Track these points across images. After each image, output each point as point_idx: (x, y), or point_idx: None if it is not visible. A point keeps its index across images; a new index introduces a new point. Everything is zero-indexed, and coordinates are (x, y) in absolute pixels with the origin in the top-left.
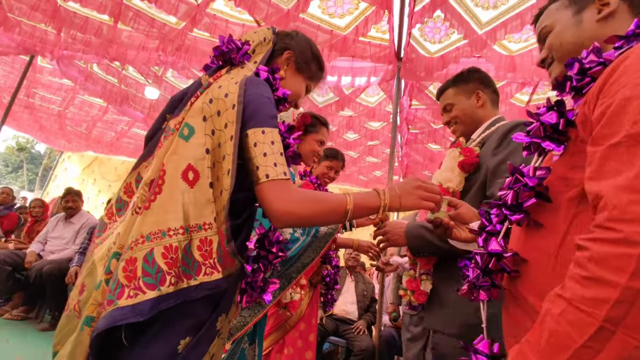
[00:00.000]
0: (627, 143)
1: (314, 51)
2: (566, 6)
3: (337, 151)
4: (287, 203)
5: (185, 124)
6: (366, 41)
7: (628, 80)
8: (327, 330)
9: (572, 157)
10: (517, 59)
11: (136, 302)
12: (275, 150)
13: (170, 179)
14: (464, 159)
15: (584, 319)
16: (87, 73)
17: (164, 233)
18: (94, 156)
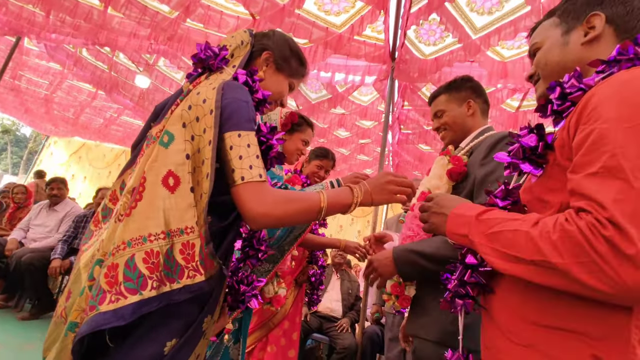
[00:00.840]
0: (603, 174)
1: (293, 47)
2: (557, 25)
3: (327, 150)
4: (262, 205)
5: (165, 131)
6: (361, 40)
7: (605, 111)
8: (310, 328)
9: (549, 179)
10: (509, 66)
11: (118, 306)
12: (251, 153)
13: (150, 186)
14: (452, 168)
15: (533, 248)
16: (75, 57)
17: (145, 239)
18: (82, 142)
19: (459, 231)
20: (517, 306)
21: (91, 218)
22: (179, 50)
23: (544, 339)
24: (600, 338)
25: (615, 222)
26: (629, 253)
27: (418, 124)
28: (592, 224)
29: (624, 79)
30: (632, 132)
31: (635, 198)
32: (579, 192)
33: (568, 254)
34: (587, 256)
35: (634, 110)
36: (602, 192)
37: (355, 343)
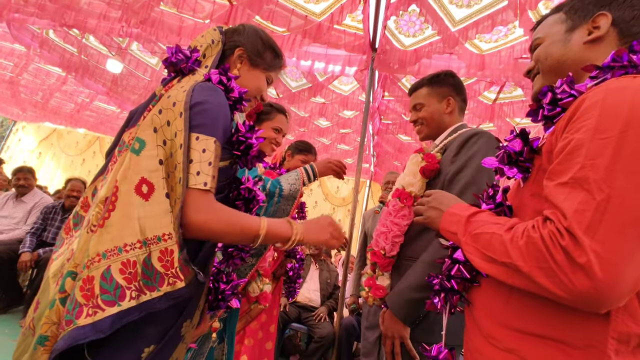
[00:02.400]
0: (571, 184)
1: (265, 40)
2: (562, 21)
3: (310, 145)
4: (197, 214)
5: (137, 138)
6: (341, 29)
7: (586, 121)
8: (289, 317)
9: (533, 184)
10: (486, 58)
11: (96, 319)
12: (204, 159)
13: (123, 195)
14: (425, 165)
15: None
16: (42, 39)
17: (120, 249)
18: (52, 128)
19: (450, 228)
20: (499, 312)
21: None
22: (152, 34)
23: (523, 345)
24: (578, 347)
25: (572, 232)
26: (581, 262)
27: (398, 115)
28: (553, 233)
29: (611, 87)
30: (605, 144)
31: (595, 210)
32: (549, 199)
33: (531, 259)
34: (546, 262)
35: (611, 121)
36: (567, 202)
37: (332, 332)
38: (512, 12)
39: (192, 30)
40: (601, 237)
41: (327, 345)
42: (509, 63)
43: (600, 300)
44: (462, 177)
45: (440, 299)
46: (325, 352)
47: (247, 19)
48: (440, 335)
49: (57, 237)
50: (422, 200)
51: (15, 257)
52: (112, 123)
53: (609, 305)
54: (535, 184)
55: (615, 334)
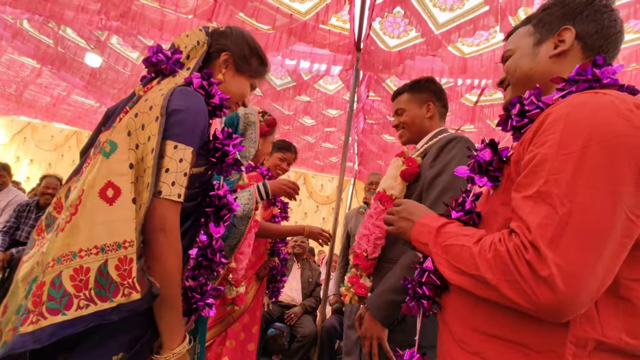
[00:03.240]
0: (535, 198)
1: (252, 46)
2: (531, 34)
3: (289, 143)
4: (164, 223)
5: (109, 141)
6: (326, 29)
7: (550, 136)
8: (272, 317)
9: (503, 193)
10: (468, 62)
11: (36, 328)
12: (180, 169)
13: (86, 199)
14: (405, 169)
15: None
16: (15, 29)
17: (75, 254)
18: (27, 121)
19: (421, 239)
20: (468, 316)
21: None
22: (133, 28)
23: (489, 348)
24: (540, 351)
25: (536, 246)
26: (543, 275)
27: (382, 115)
28: (517, 246)
29: (575, 102)
30: (568, 160)
31: (557, 224)
32: (515, 211)
33: (498, 271)
34: (512, 275)
35: (573, 137)
36: (531, 215)
37: (315, 331)
38: (493, 18)
39: (174, 26)
40: (563, 251)
41: (310, 344)
42: (490, 67)
43: (562, 311)
44: (440, 181)
45: (414, 304)
46: (307, 351)
47: (231, 15)
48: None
49: None
50: (392, 210)
51: None
52: (90, 117)
53: (569, 315)
54: (504, 193)
55: (573, 339)
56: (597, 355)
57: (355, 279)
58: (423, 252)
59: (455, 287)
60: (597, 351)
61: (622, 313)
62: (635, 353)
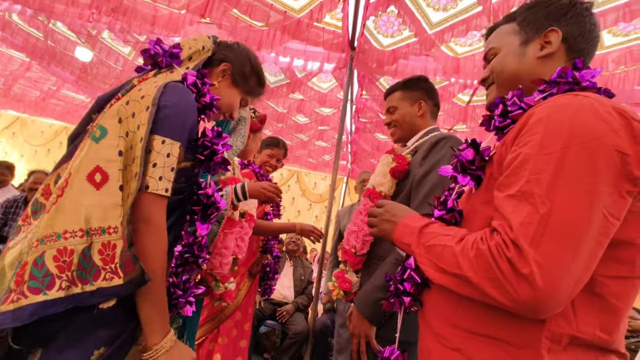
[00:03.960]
0: (518, 197)
1: (254, 66)
2: (516, 32)
3: (278, 139)
4: (151, 217)
5: (99, 126)
6: (320, 27)
7: (533, 136)
8: (264, 314)
9: (485, 192)
10: (461, 62)
11: (17, 306)
12: (167, 164)
13: (73, 181)
14: (395, 166)
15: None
16: (4, 22)
17: (59, 235)
18: (16, 116)
19: (404, 240)
20: (449, 313)
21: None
22: (125, 23)
23: (470, 344)
24: (518, 347)
25: (518, 244)
26: (524, 272)
27: (375, 113)
28: (499, 244)
29: (557, 104)
30: (549, 160)
31: (538, 223)
32: (498, 210)
33: (480, 270)
34: (493, 273)
35: (554, 138)
36: (514, 214)
37: (307, 328)
38: (486, 18)
39: (167, 21)
40: (543, 249)
41: (302, 341)
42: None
43: (541, 308)
44: (429, 179)
45: (396, 301)
46: (299, 348)
47: (224, 11)
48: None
49: None
50: (374, 211)
51: None
52: (80, 112)
53: (548, 312)
54: (486, 191)
55: (548, 334)
56: (572, 349)
57: (340, 274)
58: (407, 252)
59: (437, 285)
60: (571, 346)
61: (597, 309)
62: (608, 347)
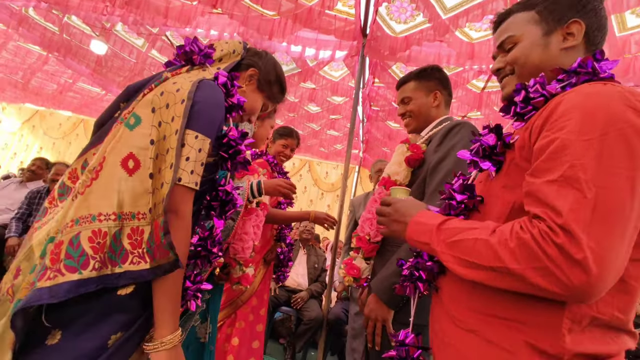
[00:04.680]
0: (561, 182)
1: (279, 74)
2: (536, 22)
3: (291, 129)
4: (180, 208)
5: (133, 113)
6: (332, 14)
7: (569, 122)
8: (279, 301)
9: (505, 177)
10: (476, 47)
11: (53, 284)
12: (199, 159)
13: (108, 166)
14: (410, 155)
15: (492, 255)
16: (20, 17)
17: (94, 217)
18: (35, 109)
19: (420, 239)
20: (465, 296)
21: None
22: (138, 15)
23: (486, 326)
24: (537, 327)
25: (569, 229)
26: (578, 258)
27: (388, 102)
28: (544, 231)
29: (588, 91)
30: (589, 146)
31: (587, 208)
32: (536, 196)
33: (524, 260)
34: (540, 261)
35: (592, 124)
36: (558, 200)
37: (321, 315)
38: (502, 2)
39: (179, 12)
40: (595, 235)
41: (316, 327)
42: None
43: (591, 293)
44: (444, 165)
45: (410, 286)
46: (313, 334)
47: (236, 1)
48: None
49: None
50: (382, 210)
51: (0, 243)
52: (96, 105)
53: (598, 296)
54: (506, 176)
55: (570, 315)
56: (590, 330)
57: (349, 261)
58: (423, 251)
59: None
60: (590, 326)
61: (616, 291)
62: (624, 327)
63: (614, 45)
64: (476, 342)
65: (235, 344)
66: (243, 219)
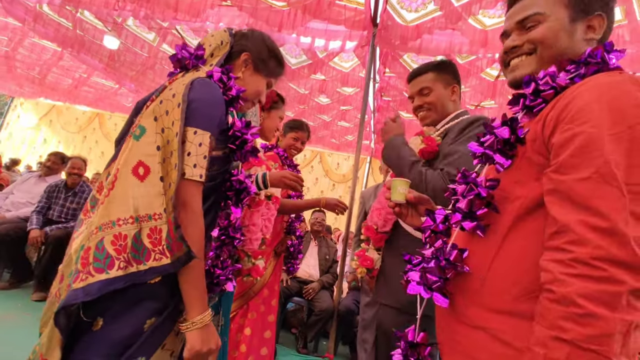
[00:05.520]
0: (596, 180)
1: (271, 47)
2: (565, 6)
3: (301, 122)
4: (187, 200)
5: (139, 125)
6: (342, 4)
7: (593, 115)
8: (290, 292)
9: (517, 171)
10: (490, 34)
11: (86, 284)
12: (200, 152)
13: (122, 176)
14: (424, 147)
15: (595, 358)
16: (35, 13)
17: (114, 223)
18: (51, 104)
19: None
20: (473, 293)
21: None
22: (148, 9)
23: (494, 324)
24: None
25: (616, 231)
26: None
27: (399, 91)
28: (593, 248)
29: (604, 82)
30: (619, 139)
31: (626, 206)
32: (567, 195)
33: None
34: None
35: (617, 116)
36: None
37: (332, 305)
38: None
39: (188, 5)
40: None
41: (327, 317)
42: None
43: None
44: (460, 149)
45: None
46: (325, 324)
47: None
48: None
49: (62, 215)
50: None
51: (22, 235)
52: (110, 99)
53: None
54: (518, 171)
55: None
56: None
57: (361, 252)
58: None
59: (468, 261)
60: None
61: None
62: None
63: (635, 29)
64: (484, 340)
65: (248, 334)
66: (250, 211)
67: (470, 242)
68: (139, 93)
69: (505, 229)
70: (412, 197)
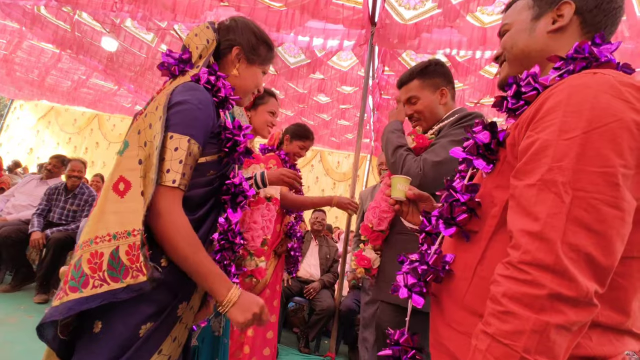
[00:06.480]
0: (539, 187)
1: (259, 34)
2: (529, 7)
3: (309, 132)
4: (162, 207)
5: (124, 141)
6: (339, 3)
7: (551, 122)
8: (292, 292)
9: (498, 176)
10: (488, 32)
11: (61, 302)
12: (175, 157)
13: (103, 193)
14: (415, 145)
15: (507, 352)
16: (33, 16)
17: (92, 241)
18: (50, 105)
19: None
20: (461, 296)
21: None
22: (146, 10)
23: None
24: None
25: (544, 238)
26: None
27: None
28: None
29: (574, 85)
30: (571, 145)
31: (564, 212)
32: (518, 200)
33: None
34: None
35: (575, 122)
36: (537, 205)
37: (333, 305)
38: None
39: (186, 6)
40: (568, 240)
41: (328, 317)
42: None
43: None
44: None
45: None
46: (326, 323)
47: None
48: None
49: (62, 217)
50: None
51: (23, 237)
52: (109, 100)
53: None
54: (499, 175)
55: None
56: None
57: (359, 252)
58: None
59: (447, 271)
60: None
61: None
62: (621, 327)
63: (634, 25)
64: (468, 345)
65: (251, 335)
66: (251, 209)
67: (457, 246)
68: (138, 94)
69: (489, 233)
70: (412, 195)
